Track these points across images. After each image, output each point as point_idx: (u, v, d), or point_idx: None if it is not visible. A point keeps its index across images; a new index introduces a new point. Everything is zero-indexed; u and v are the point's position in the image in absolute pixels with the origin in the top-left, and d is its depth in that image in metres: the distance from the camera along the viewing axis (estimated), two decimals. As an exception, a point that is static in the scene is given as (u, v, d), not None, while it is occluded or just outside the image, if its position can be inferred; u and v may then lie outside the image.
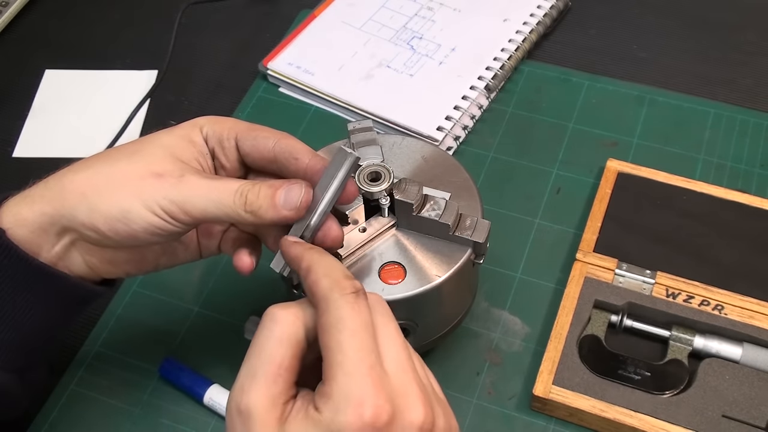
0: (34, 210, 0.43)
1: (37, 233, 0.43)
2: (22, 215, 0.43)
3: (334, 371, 0.35)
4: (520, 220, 0.65)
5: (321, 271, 0.39)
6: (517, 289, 0.61)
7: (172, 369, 0.57)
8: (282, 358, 0.37)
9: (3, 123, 0.76)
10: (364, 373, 0.35)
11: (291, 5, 0.84)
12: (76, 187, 0.43)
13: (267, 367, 0.37)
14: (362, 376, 0.35)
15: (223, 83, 0.78)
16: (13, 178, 0.71)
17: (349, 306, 0.37)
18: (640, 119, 0.72)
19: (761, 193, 0.65)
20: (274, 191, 0.43)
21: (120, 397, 0.57)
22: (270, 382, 0.36)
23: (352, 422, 0.34)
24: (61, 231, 0.43)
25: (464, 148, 0.70)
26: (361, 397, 0.35)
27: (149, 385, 0.58)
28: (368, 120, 0.54)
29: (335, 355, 0.36)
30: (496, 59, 0.75)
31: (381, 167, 0.49)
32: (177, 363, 0.57)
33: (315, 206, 0.43)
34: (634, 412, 0.53)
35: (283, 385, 0.37)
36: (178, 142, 0.45)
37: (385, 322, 0.39)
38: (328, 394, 0.35)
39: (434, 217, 0.48)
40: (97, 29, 0.84)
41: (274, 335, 0.38)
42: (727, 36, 0.78)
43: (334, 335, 0.36)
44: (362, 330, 0.36)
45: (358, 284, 0.38)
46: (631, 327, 0.57)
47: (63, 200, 0.43)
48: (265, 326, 0.38)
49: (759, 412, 0.52)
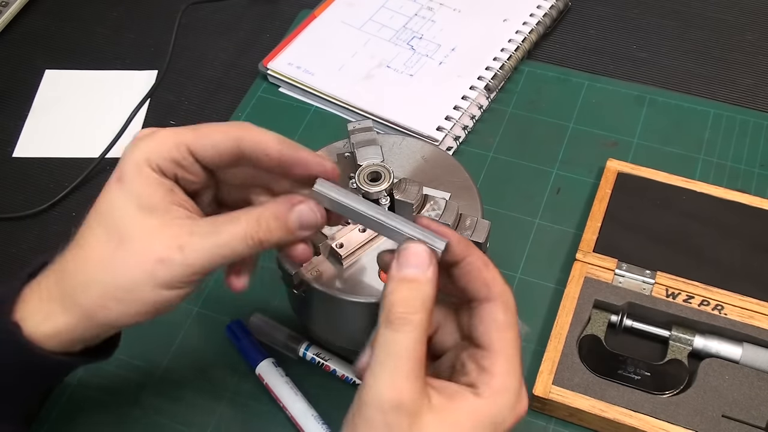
0: (57, 323, 0.42)
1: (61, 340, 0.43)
2: (43, 326, 0.42)
3: (509, 368, 0.39)
4: (520, 220, 0.65)
5: (497, 271, 0.40)
6: (517, 289, 0.61)
7: (237, 330, 0.59)
8: (422, 351, 0.38)
9: (3, 123, 0.76)
10: (520, 373, 0.40)
11: (291, 5, 0.84)
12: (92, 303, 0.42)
13: (414, 363, 0.37)
14: (522, 378, 0.40)
15: (223, 83, 0.78)
16: (13, 178, 0.71)
17: (515, 311, 0.40)
18: (640, 119, 0.72)
19: (761, 193, 0.65)
20: (285, 220, 0.42)
21: (120, 397, 0.57)
22: (419, 377, 0.37)
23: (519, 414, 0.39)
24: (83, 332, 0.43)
25: (464, 148, 0.70)
26: (523, 397, 0.39)
27: (149, 385, 0.58)
28: (368, 120, 0.54)
29: (511, 356, 0.39)
30: (495, 59, 0.75)
31: (381, 167, 0.49)
32: (243, 326, 0.59)
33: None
34: (634, 412, 0.53)
35: (424, 377, 0.38)
36: (146, 200, 0.41)
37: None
38: (498, 387, 0.38)
39: (434, 217, 0.48)
40: (97, 29, 0.84)
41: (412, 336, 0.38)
42: (727, 36, 0.78)
43: (511, 336, 0.39)
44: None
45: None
46: (631, 327, 0.57)
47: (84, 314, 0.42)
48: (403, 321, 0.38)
49: (759, 412, 0.52)
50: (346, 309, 0.49)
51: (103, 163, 0.71)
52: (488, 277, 0.40)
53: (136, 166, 0.41)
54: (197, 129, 0.42)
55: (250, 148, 0.42)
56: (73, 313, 0.42)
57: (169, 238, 0.40)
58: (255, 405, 0.56)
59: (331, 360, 0.56)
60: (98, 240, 0.41)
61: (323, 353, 0.57)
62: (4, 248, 0.67)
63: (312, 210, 0.42)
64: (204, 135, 0.42)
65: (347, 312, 0.50)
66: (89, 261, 0.41)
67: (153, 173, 0.41)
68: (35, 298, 0.42)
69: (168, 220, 0.41)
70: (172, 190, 0.42)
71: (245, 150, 0.42)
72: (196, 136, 0.42)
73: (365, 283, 0.49)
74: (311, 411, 0.54)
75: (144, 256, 0.40)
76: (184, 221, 0.41)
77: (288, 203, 0.42)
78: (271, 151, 0.42)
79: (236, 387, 0.57)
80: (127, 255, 0.41)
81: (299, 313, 0.56)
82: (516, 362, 0.39)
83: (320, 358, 0.56)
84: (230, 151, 0.42)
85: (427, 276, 0.38)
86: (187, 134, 0.42)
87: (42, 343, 0.42)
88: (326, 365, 0.56)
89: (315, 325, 0.55)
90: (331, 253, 0.49)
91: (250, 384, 0.57)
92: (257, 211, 0.42)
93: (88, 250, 0.42)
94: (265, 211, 0.42)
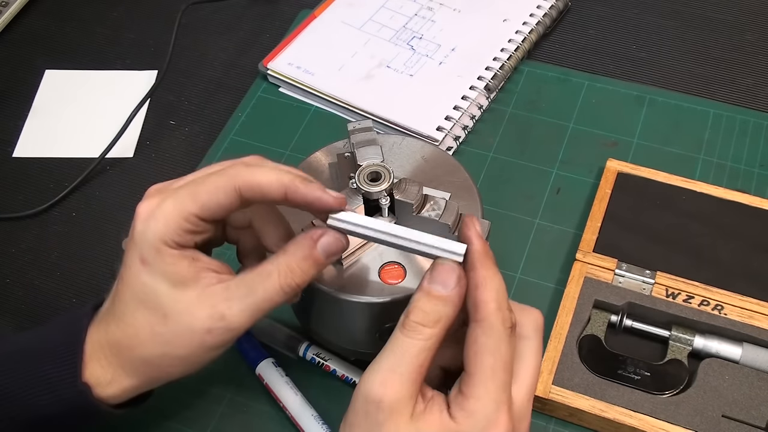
0: (123, 386, 0.45)
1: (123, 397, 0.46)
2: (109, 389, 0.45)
3: (481, 392, 0.39)
4: (520, 220, 0.65)
5: (493, 292, 0.40)
6: (516, 289, 0.61)
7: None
8: (425, 360, 0.39)
9: (3, 123, 0.76)
10: (504, 402, 0.39)
11: (291, 5, 0.84)
12: (154, 371, 0.45)
13: (412, 367, 0.39)
14: (503, 404, 0.39)
15: (223, 83, 0.78)
16: (13, 178, 0.71)
17: (507, 340, 0.39)
18: (640, 119, 0.72)
19: (761, 193, 0.65)
20: (314, 258, 0.43)
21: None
22: (412, 382, 0.39)
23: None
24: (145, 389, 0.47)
25: (464, 148, 0.70)
26: (497, 423, 0.38)
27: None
28: (368, 120, 0.54)
29: (486, 379, 0.39)
30: (495, 59, 0.75)
31: (381, 167, 0.49)
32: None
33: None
34: (634, 412, 0.53)
35: (420, 383, 0.39)
36: (175, 276, 0.43)
37: (537, 350, 0.42)
38: (471, 410, 0.38)
39: (434, 217, 0.48)
40: (97, 29, 0.84)
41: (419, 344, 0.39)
42: (727, 36, 0.78)
43: (489, 361, 0.39)
44: (510, 364, 0.40)
45: (515, 318, 0.40)
46: (630, 327, 0.57)
47: (148, 379, 0.46)
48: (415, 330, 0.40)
49: (759, 412, 0.52)
50: (346, 309, 0.49)
51: (103, 163, 0.71)
52: (478, 298, 0.40)
53: (155, 249, 0.43)
54: (197, 194, 0.43)
55: (252, 195, 0.43)
56: (137, 378, 0.45)
57: (209, 309, 0.43)
58: (255, 405, 0.56)
59: (331, 360, 0.56)
60: (143, 317, 0.44)
61: (323, 353, 0.57)
62: (4, 248, 0.67)
63: (335, 239, 0.44)
64: (207, 200, 0.43)
65: (347, 312, 0.50)
66: (140, 337, 0.44)
67: (173, 251, 0.43)
68: (96, 365, 0.45)
69: (202, 289, 0.43)
70: (194, 258, 0.44)
71: (249, 197, 0.43)
72: (200, 204, 0.43)
73: (365, 283, 0.49)
74: (311, 411, 0.54)
75: (192, 330, 0.43)
76: (216, 287, 0.43)
77: (311, 241, 0.43)
78: (275, 196, 0.43)
79: (236, 387, 0.57)
80: (175, 330, 0.43)
81: (299, 313, 0.56)
82: (492, 387, 0.39)
83: (320, 358, 0.56)
84: (234, 203, 0.43)
85: (450, 295, 0.40)
86: (189, 204, 0.43)
87: (106, 401, 0.45)
88: (326, 365, 0.56)
89: (315, 325, 0.55)
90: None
91: (250, 384, 0.57)
92: (285, 259, 0.43)
93: (137, 327, 0.44)
94: (293, 257, 0.43)
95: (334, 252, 0.44)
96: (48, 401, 0.44)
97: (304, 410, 0.54)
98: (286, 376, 0.56)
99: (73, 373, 0.44)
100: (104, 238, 0.66)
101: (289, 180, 0.43)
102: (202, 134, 0.74)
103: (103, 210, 0.69)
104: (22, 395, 0.44)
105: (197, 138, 0.73)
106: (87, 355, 0.44)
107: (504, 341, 0.39)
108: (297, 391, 0.55)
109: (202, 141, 0.73)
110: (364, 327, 0.50)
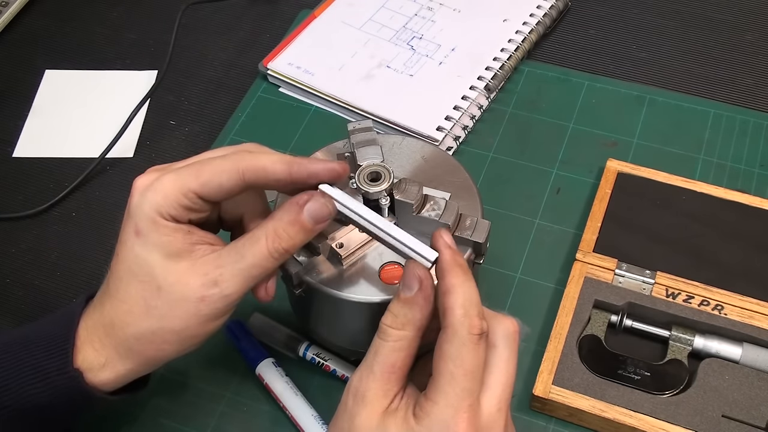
0: (117, 370, 0.45)
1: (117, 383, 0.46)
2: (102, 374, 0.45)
3: (439, 397, 0.39)
4: (520, 220, 0.65)
5: (460, 299, 0.40)
6: (516, 289, 0.61)
7: (236, 330, 0.58)
8: (396, 360, 0.41)
9: (3, 123, 0.76)
10: (464, 409, 0.39)
11: (291, 5, 0.84)
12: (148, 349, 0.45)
13: (383, 366, 0.41)
14: (461, 411, 0.39)
15: (223, 83, 0.78)
16: (13, 178, 0.71)
17: (472, 346, 0.40)
18: (639, 119, 0.72)
19: (761, 193, 0.65)
20: (300, 222, 0.43)
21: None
22: (384, 380, 0.41)
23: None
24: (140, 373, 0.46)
25: (464, 148, 0.70)
26: (455, 429, 0.39)
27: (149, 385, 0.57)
28: (368, 120, 0.54)
29: (445, 384, 0.40)
30: (495, 59, 0.75)
31: (381, 167, 0.49)
32: (243, 326, 0.58)
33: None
34: (634, 412, 0.53)
35: (395, 381, 0.41)
36: (169, 248, 0.43)
37: (508, 359, 0.42)
38: (427, 413, 0.39)
39: (434, 217, 0.48)
40: (97, 29, 0.84)
41: (389, 345, 0.41)
42: (727, 36, 0.78)
43: (449, 367, 0.40)
44: (475, 371, 0.40)
45: (486, 326, 0.41)
46: (630, 327, 0.57)
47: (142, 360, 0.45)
48: (385, 333, 0.42)
49: (759, 412, 0.52)
50: (346, 309, 0.49)
51: (103, 163, 0.71)
52: (445, 304, 0.40)
53: (151, 220, 0.43)
54: (200, 172, 0.43)
55: (255, 178, 0.44)
56: (131, 360, 0.45)
57: (201, 276, 0.43)
58: (255, 405, 0.56)
59: (331, 360, 0.56)
60: (136, 291, 0.44)
61: (323, 353, 0.57)
62: (4, 248, 0.67)
63: (321, 203, 0.44)
64: (209, 179, 0.43)
65: (347, 312, 0.50)
66: (134, 313, 0.44)
67: (168, 222, 0.43)
68: (89, 349, 0.45)
69: (195, 260, 0.43)
70: (189, 231, 0.44)
71: (251, 181, 0.44)
72: (202, 182, 0.43)
73: (365, 283, 0.49)
74: (311, 411, 0.54)
75: (185, 299, 0.43)
76: (209, 257, 0.43)
77: (296, 206, 0.44)
78: (279, 176, 0.44)
79: (236, 387, 0.57)
80: (169, 301, 0.43)
81: (299, 313, 0.56)
82: (451, 393, 0.39)
83: (320, 358, 0.56)
84: (237, 186, 0.44)
85: (414, 297, 0.41)
86: (191, 181, 0.43)
87: (101, 387, 0.45)
88: (326, 365, 0.56)
89: (315, 325, 0.55)
90: (331, 253, 0.49)
91: (250, 384, 0.57)
92: (272, 224, 0.44)
93: (130, 302, 0.44)
94: (280, 222, 0.43)
95: (320, 217, 0.44)
96: (40, 389, 0.44)
97: (304, 410, 0.54)
98: (286, 376, 0.56)
99: (64, 360, 0.44)
100: (104, 238, 0.66)
101: (291, 158, 0.44)
102: (202, 134, 0.74)
103: (103, 210, 0.69)
104: (14, 384, 0.44)
105: (197, 138, 0.73)
106: (80, 340, 0.44)
107: (467, 348, 0.40)
108: (297, 391, 0.55)
109: (202, 141, 0.73)
110: (364, 327, 0.50)
